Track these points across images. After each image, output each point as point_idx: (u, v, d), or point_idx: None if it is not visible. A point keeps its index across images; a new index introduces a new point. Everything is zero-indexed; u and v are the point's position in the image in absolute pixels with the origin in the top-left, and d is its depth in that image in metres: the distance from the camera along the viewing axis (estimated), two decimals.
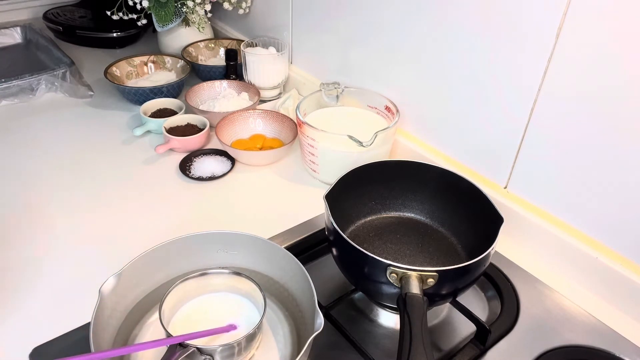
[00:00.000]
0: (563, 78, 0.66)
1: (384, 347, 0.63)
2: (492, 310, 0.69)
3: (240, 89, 1.11)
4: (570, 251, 0.72)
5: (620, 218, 0.67)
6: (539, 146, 0.72)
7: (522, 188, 0.77)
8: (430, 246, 0.72)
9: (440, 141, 0.87)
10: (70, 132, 1.02)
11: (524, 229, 0.76)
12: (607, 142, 0.64)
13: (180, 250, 0.63)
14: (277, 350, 0.60)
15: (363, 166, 0.71)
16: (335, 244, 0.63)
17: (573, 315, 0.67)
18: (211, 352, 0.54)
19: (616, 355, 0.62)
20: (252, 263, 0.66)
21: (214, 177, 0.91)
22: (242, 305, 0.62)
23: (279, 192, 0.89)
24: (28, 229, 0.79)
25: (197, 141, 0.96)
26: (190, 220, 0.82)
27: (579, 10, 0.61)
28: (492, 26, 0.71)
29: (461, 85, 0.79)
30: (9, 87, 1.08)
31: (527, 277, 0.73)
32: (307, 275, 0.58)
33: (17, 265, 0.73)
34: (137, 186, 0.89)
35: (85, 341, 0.51)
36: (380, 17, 0.88)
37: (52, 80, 1.12)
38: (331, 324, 0.64)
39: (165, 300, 0.57)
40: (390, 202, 0.77)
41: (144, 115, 1.01)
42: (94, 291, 0.55)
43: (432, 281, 0.55)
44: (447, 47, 0.79)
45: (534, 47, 0.67)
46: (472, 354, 0.62)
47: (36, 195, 0.85)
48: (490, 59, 0.73)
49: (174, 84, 1.10)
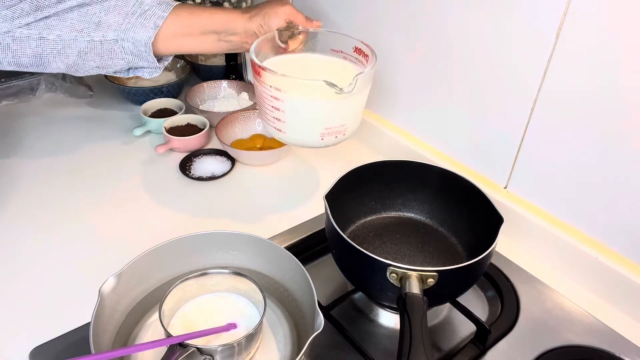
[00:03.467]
0: (563, 78, 0.66)
1: (384, 347, 0.63)
2: (492, 310, 0.69)
3: (240, 89, 1.11)
4: (570, 251, 0.72)
5: (620, 218, 0.67)
6: (539, 146, 0.72)
7: (522, 188, 0.77)
8: (430, 246, 0.72)
9: (440, 141, 0.87)
10: (70, 132, 1.02)
11: (524, 229, 0.76)
12: (607, 142, 0.64)
13: (180, 250, 0.63)
14: (277, 350, 0.60)
15: (363, 166, 0.71)
16: (335, 244, 0.63)
17: (573, 315, 0.67)
18: (211, 352, 0.54)
19: (616, 355, 0.62)
20: (252, 263, 0.66)
21: (214, 177, 0.91)
22: (242, 305, 0.62)
23: (279, 192, 0.89)
24: (28, 229, 0.79)
25: (197, 141, 0.97)
26: (190, 220, 0.82)
27: (579, 11, 0.61)
28: (492, 26, 0.71)
29: (461, 85, 0.79)
30: (9, 87, 1.09)
31: (527, 277, 0.73)
32: (307, 275, 0.58)
33: (17, 265, 0.73)
34: (137, 186, 0.89)
35: (85, 341, 0.51)
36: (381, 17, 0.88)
37: (52, 80, 1.12)
38: (331, 324, 0.64)
39: (165, 300, 0.57)
40: (390, 202, 0.77)
41: (144, 115, 1.01)
42: (94, 291, 0.55)
43: (432, 281, 0.55)
44: (446, 47, 0.79)
45: (534, 47, 0.67)
46: (472, 354, 0.62)
47: (36, 195, 0.85)
48: (491, 58, 0.73)
49: (174, 84, 1.10)
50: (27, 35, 0.65)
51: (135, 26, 0.69)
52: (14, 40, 0.65)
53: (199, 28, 0.73)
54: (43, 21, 0.65)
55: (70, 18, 0.66)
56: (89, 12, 0.67)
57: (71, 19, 0.66)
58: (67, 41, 0.67)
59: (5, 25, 0.63)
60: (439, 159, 0.86)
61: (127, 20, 0.69)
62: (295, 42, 0.77)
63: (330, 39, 0.76)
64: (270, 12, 0.73)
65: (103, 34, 0.68)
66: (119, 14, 0.68)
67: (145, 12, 0.69)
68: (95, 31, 0.67)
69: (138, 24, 0.69)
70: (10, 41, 0.65)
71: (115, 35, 0.68)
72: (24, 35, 0.65)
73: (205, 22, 0.73)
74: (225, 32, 0.74)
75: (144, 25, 0.69)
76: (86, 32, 0.67)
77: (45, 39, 0.66)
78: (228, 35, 0.75)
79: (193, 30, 0.73)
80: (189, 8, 0.73)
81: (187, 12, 0.73)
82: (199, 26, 0.73)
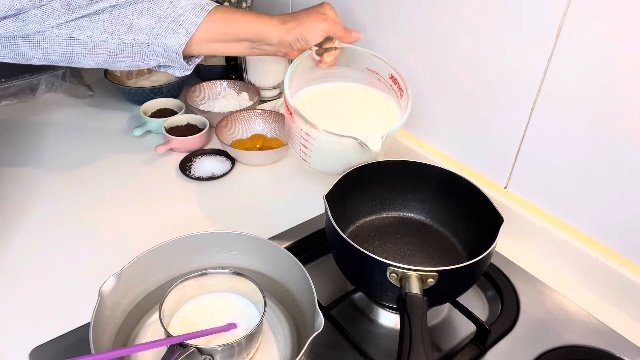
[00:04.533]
0: (563, 78, 0.66)
1: (384, 347, 0.63)
2: (492, 310, 0.69)
3: (240, 89, 1.11)
4: (570, 251, 0.72)
5: (620, 218, 0.67)
6: (539, 146, 0.72)
7: (522, 188, 0.77)
8: (430, 246, 0.72)
9: (440, 141, 0.87)
10: (70, 132, 1.02)
11: (524, 229, 0.76)
12: (608, 142, 0.64)
13: (180, 250, 0.63)
14: (277, 350, 0.60)
15: (363, 166, 0.71)
16: (335, 244, 0.63)
17: (573, 315, 0.67)
18: (211, 352, 0.54)
19: (616, 355, 0.62)
20: (252, 263, 0.66)
21: (214, 177, 0.91)
22: (242, 305, 0.62)
23: (279, 192, 0.89)
24: (27, 229, 0.79)
25: (197, 141, 0.97)
26: (190, 220, 0.82)
27: (579, 10, 0.61)
28: (493, 26, 0.71)
29: (461, 85, 0.79)
30: (9, 87, 1.08)
31: (527, 277, 0.73)
32: (307, 275, 0.58)
33: (16, 265, 0.73)
34: (137, 186, 0.89)
35: (85, 341, 0.51)
36: (381, 17, 0.88)
37: (52, 80, 1.12)
38: (331, 324, 0.64)
39: (165, 300, 0.57)
40: (390, 202, 0.77)
41: (144, 115, 1.01)
42: (94, 291, 0.55)
43: (432, 281, 0.55)
44: (446, 47, 0.79)
45: (534, 47, 0.67)
46: (472, 354, 0.62)
47: (35, 195, 0.85)
48: (491, 58, 0.73)
49: (174, 84, 1.10)
50: (58, 35, 0.64)
51: (167, 32, 0.67)
52: (44, 39, 0.64)
53: (232, 36, 0.71)
54: (74, 22, 0.64)
55: (102, 20, 0.65)
56: (121, 14, 0.66)
57: (102, 20, 0.65)
58: (98, 42, 0.65)
59: (35, 25, 0.62)
60: (439, 159, 0.86)
61: (159, 24, 0.67)
62: (330, 55, 0.75)
63: (368, 58, 0.75)
64: (310, 28, 0.71)
65: (134, 37, 0.66)
66: (151, 17, 0.67)
67: (178, 17, 0.67)
68: (126, 34, 0.66)
69: (170, 29, 0.67)
70: (41, 39, 0.63)
71: (147, 39, 0.67)
72: (54, 35, 0.64)
73: (239, 31, 0.71)
74: (260, 42, 0.73)
75: (176, 31, 0.67)
76: (117, 34, 0.66)
77: (76, 39, 0.64)
78: (262, 44, 0.73)
79: (226, 37, 0.71)
80: (224, 14, 0.71)
81: (222, 19, 0.70)
82: (233, 34, 0.71)
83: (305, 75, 0.76)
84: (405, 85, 0.72)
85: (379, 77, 0.76)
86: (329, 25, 0.72)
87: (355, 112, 0.73)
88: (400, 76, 0.73)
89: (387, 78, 0.75)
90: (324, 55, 0.75)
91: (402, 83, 0.73)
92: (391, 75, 0.74)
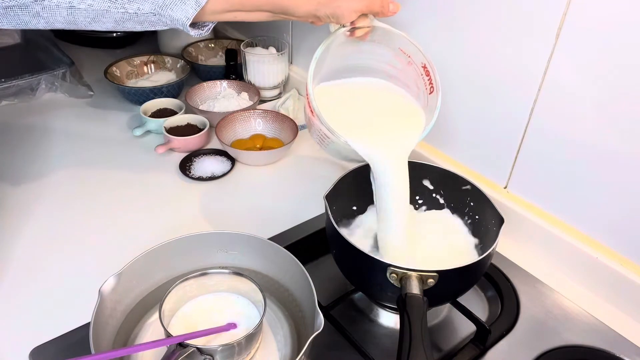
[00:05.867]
0: (563, 78, 0.66)
1: (384, 347, 0.63)
2: (492, 310, 0.69)
3: (240, 89, 1.11)
4: (570, 251, 0.72)
5: (620, 218, 0.67)
6: (539, 146, 0.72)
7: (522, 188, 0.77)
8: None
9: (440, 141, 0.87)
10: (70, 132, 1.02)
11: (524, 229, 0.76)
12: (608, 142, 0.64)
13: (180, 250, 0.63)
14: (277, 350, 0.60)
15: (363, 166, 0.71)
16: (335, 244, 0.63)
17: (573, 315, 0.68)
18: (211, 352, 0.54)
19: (616, 355, 0.62)
20: (252, 263, 0.66)
21: (214, 177, 0.91)
22: (242, 305, 0.62)
23: (279, 192, 0.89)
24: (27, 229, 0.79)
25: (197, 141, 0.97)
26: (190, 220, 0.82)
27: (579, 10, 0.61)
28: (493, 25, 0.71)
29: (461, 85, 0.79)
30: (9, 87, 1.08)
31: (527, 277, 0.73)
32: (307, 275, 0.58)
33: (16, 265, 0.73)
34: (137, 186, 0.89)
35: (85, 341, 0.51)
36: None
37: (52, 80, 1.12)
38: (331, 324, 0.64)
39: (165, 300, 0.57)
40: None
41: (144, 115, 1.01)
42: (94, 291, 0.55)
43: (432, 281, 0.55)
44: (446, 47, 0.79)
45: (534, 46, 0.67)
46: (472, 354, 0.62)
47: (35, 195, 0.85)
48: (491, 58, 0.73)
49: (174, 84, 1.10)
50: (57, 4, 0.60)
51: (175, 3, 0.61)
52: (43, 8, 0.60)
53: (253, 6, 0.65)
54: None
55: None
56: None
57: None
58: (100, 11, 0.61)
59: None
60: (439, 159, 0.86)
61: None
62: (362, 30, 0.68)
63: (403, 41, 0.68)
64: (343, 7, 0.63)
65: (138, 7, 0.61)
66: None
67: None
68: (130, 3, 0.60)
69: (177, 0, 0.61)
70: (40, 9, 0.60)
71: (152, 9, 0.61)
72: (53, 4, 0.60)
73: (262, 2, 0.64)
74: (283, 13, 0.66)
75: (184, 2, 0.61)
76: (120, 3, 0.60)
77: (76, 8, 0.60)
78: (286, 15, 0.66)
79: (245, 7, 0.65)
80: None
81: None
82: (254, 4, 0.65)
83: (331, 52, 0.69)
84: (437, 82, 0.66)
85: (409, 61, 0.69)
86: (365, 5, 0.65)
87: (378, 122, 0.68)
88: (433, 70, 0.67)
89: (419, 65, 0.68)
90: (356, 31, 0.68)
91: (433, 77, 0.67)
92: (424, 65, 0.68)
